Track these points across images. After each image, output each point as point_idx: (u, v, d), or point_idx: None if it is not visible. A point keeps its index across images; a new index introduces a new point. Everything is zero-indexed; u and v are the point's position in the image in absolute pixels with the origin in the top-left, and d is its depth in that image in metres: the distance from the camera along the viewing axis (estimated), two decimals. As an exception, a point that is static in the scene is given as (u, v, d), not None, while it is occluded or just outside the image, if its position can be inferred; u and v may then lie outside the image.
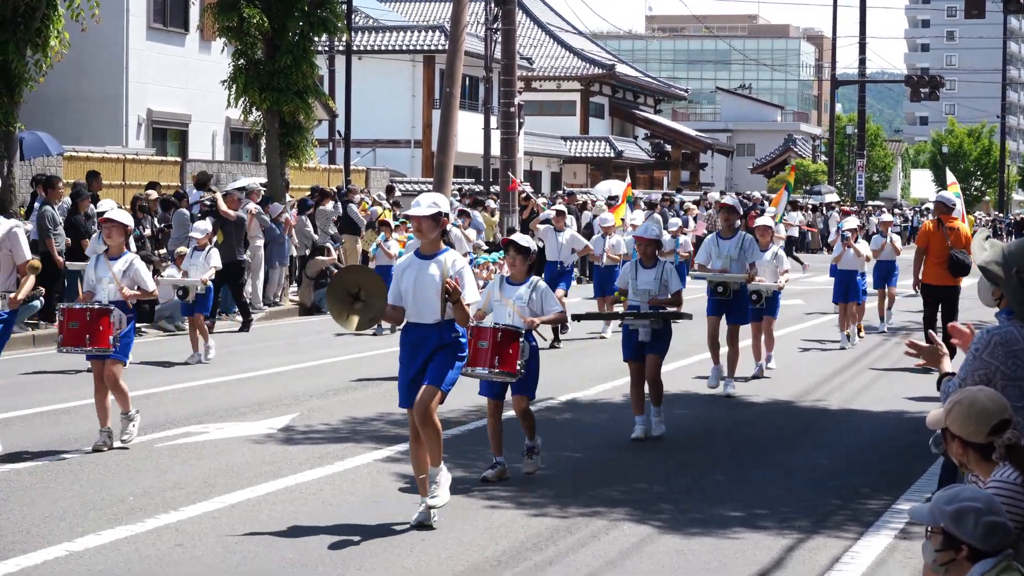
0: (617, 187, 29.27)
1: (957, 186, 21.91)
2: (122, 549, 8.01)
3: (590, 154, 63.71)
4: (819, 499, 9.69)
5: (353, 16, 40.64)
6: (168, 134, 33.96)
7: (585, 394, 14.51)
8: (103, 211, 14.42)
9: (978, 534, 4.61)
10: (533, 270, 10.17)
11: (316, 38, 26.57)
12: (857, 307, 19.53)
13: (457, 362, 8.59)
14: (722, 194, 45.42)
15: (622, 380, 13.75)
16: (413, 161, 49.63)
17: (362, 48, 47.58)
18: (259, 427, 12.20)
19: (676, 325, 12.31)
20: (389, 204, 29.37)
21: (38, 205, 20.29)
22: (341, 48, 38.56)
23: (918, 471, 10.49)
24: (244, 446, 11.33)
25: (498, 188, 35.37)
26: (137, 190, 24.20)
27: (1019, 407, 5.75)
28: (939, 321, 16.44)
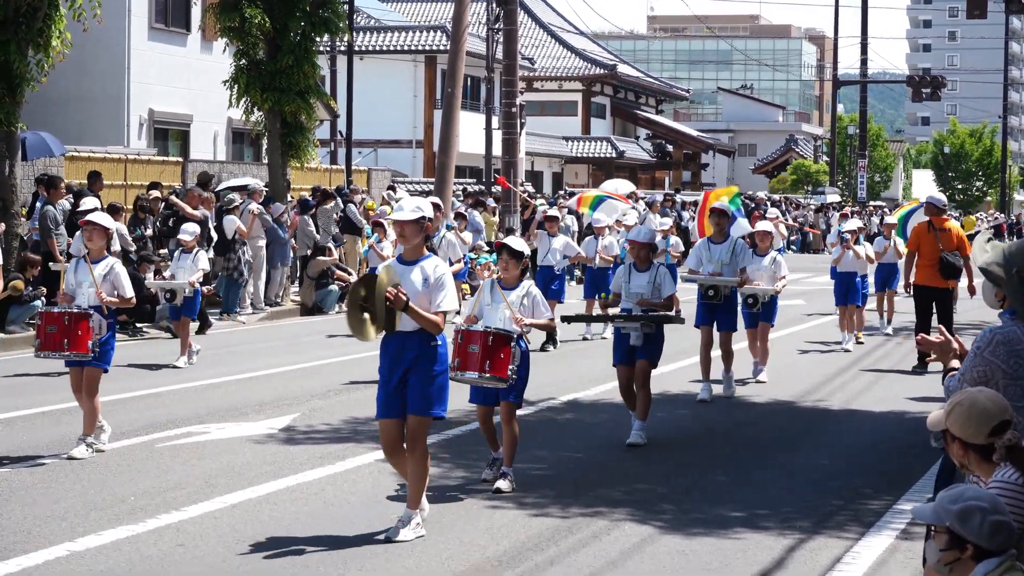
0: (625, 187, 29.20)
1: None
2: (123, 549, 8.02)
3: (591, 154, 63.69)
4: (820, 499, 9.69)
5: (355, 16, 40.68)
6: (170, 134, 33.97)
7: (586, 394, 14.51)
8: (84, 209, 14.23)
9: (984, 533, 4.60)
10: (526, 274, 10.00)
11: (318, 38, 26.56)
12: (857, 312, 19.53)
13: (437, 379, 8.27)
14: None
15: (623, 381, 13.72)
16: (415, 161, 49.59)
17: (364, 48, 47.55)
18: (260, 427, 12.20)
19: (676, 325, 12.26)
20: (395, 203, 29.32)
21: (40, 205, 20.31)
22: (343, 48, 38.59)
23: (919, 472, 10.49)
24: (245, 446, 11.33)
25: (499, 189, 35.38)
26: (139, 190, 24.22)
27: (1020, 407, 5.76)
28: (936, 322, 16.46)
